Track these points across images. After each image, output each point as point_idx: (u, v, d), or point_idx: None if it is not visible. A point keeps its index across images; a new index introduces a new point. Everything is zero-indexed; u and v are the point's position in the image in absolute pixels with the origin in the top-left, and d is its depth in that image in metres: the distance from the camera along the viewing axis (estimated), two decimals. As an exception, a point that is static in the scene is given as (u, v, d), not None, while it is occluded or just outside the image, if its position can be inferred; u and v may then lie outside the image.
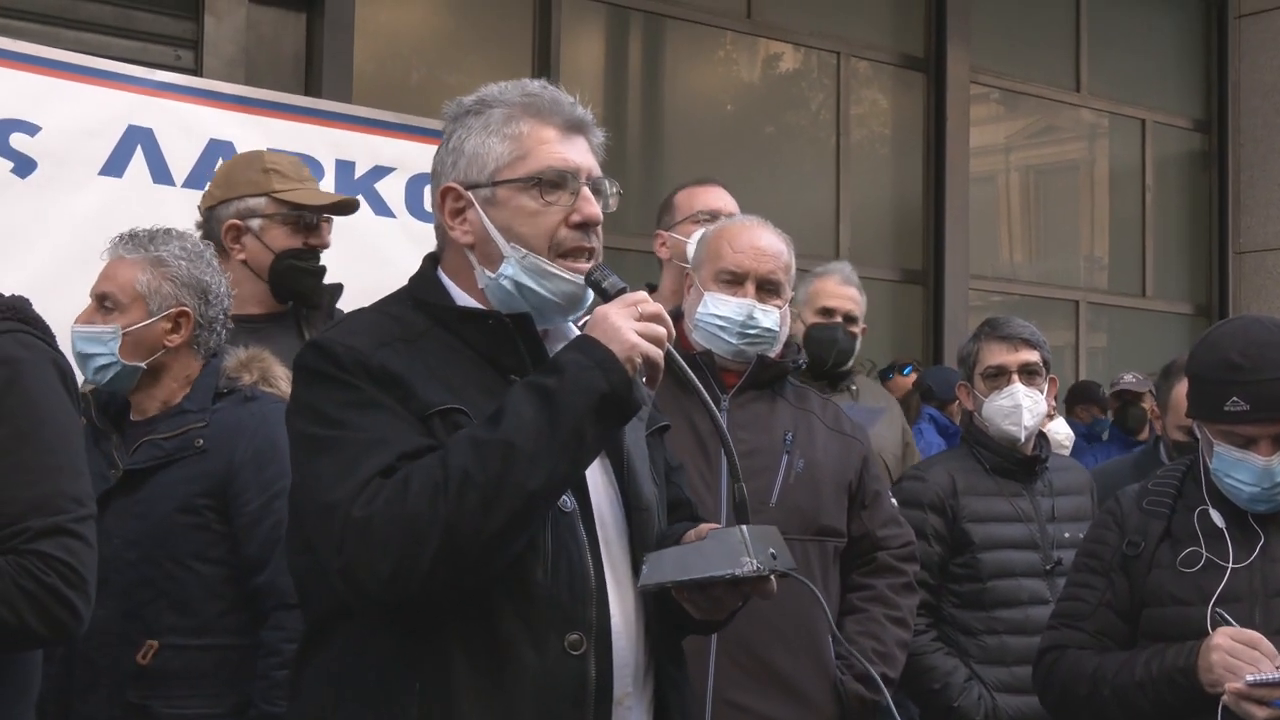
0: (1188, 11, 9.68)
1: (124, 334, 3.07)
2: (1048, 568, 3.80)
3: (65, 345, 3.46)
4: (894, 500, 3.54)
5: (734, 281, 3.24)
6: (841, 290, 4.45)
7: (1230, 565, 2.78)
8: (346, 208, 3.73)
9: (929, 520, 3.80)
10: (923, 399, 7.16)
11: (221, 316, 3.18)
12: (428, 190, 4.45)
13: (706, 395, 2.05)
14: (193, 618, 2.94)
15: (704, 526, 2.14)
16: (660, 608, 2.13)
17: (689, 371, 2.06)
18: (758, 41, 7.96)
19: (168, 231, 3.18)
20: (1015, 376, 3.89)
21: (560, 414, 1.93)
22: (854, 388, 4.56)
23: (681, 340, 3.33)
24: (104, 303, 3.11)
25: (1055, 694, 2.95)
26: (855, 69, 8.23)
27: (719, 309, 3.23)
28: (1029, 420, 3.87)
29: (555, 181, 2.11)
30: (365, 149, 4.47)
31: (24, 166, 3.90)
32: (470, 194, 2.13)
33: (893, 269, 8.25)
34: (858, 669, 3.19)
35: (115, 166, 4.04)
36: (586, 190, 2.12)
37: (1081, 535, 3.23)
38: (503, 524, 1.91)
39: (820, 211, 8.05)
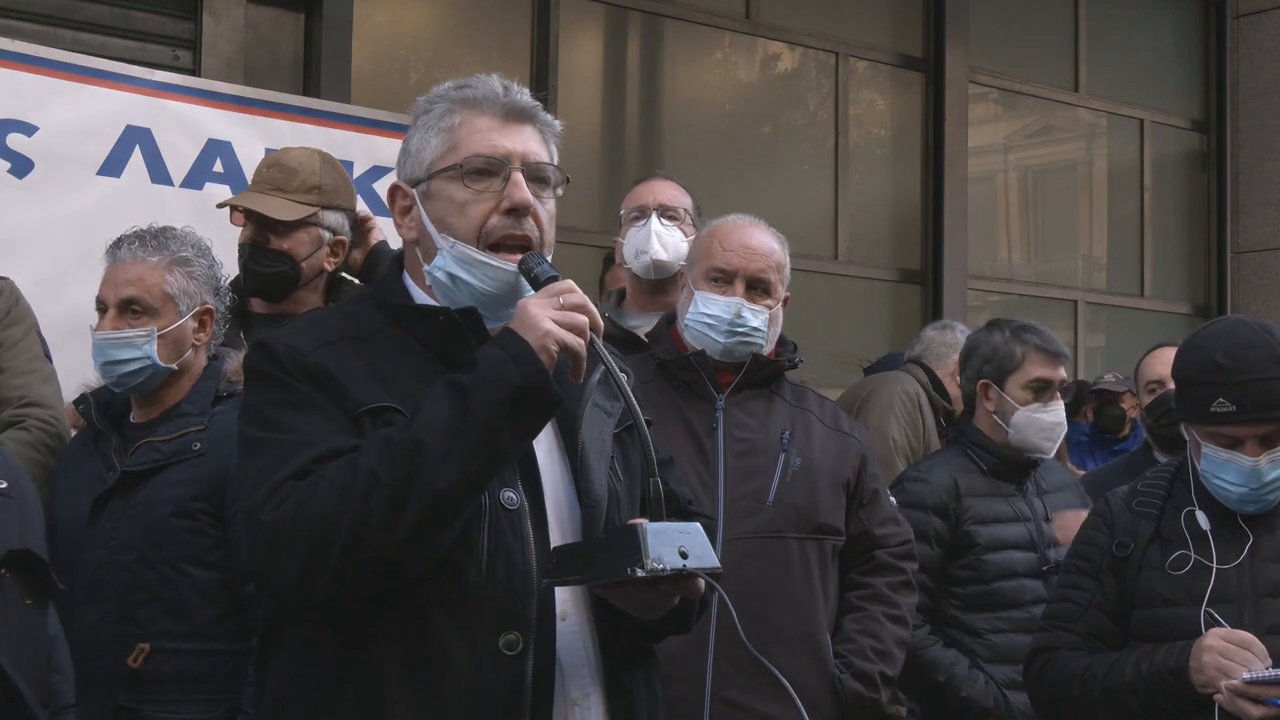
0: (1186, 11, 9.67)
1: (159, 336, 3.07)
2: (1044, 568, 3.78)
3: (54, 345, 3.49)
4: (893, 500, 3.52)
5: (723, 280, 3.24)
6: None
7: (1220, 566, 2.79)
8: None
9: (931, 522, 3.78)
10: None
11: (225, 311, 3.23)
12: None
13: (629, 391, 1.99)
14: (186, 622, 2.93)
15: (634, 521, 2.01)
16: (603, 608, 2.06)
17: (612, 364, 2.00)
18: (756, 42, 7.95)
19: (171, 230, 3.20)
20: (1057, 394, 3.86)
21: (473, 410, 1.88)
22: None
23: (675, 342, 3.34)
24: (131, 307, 3.09)
25: (1046, 695, 2.96)
26: (854, 69, 8.22)
27: (707, 308, 3.22)
28: (1059, 437, 3.88)
29: (481, 168, 2.08)
30: (364, 149, 4.49)
31: (21, 167, 3.91)
32: (413, 191, 2.13)
33: (891, 269, 8.25)
34: (856, 668, 3.19)
35: (113, 166, 4.06)
36: (518, 176, 2.08)
37: (1069, 533, 3.24)
38: (412, 525, 1.86)
39: (819, 211, 8.03)
